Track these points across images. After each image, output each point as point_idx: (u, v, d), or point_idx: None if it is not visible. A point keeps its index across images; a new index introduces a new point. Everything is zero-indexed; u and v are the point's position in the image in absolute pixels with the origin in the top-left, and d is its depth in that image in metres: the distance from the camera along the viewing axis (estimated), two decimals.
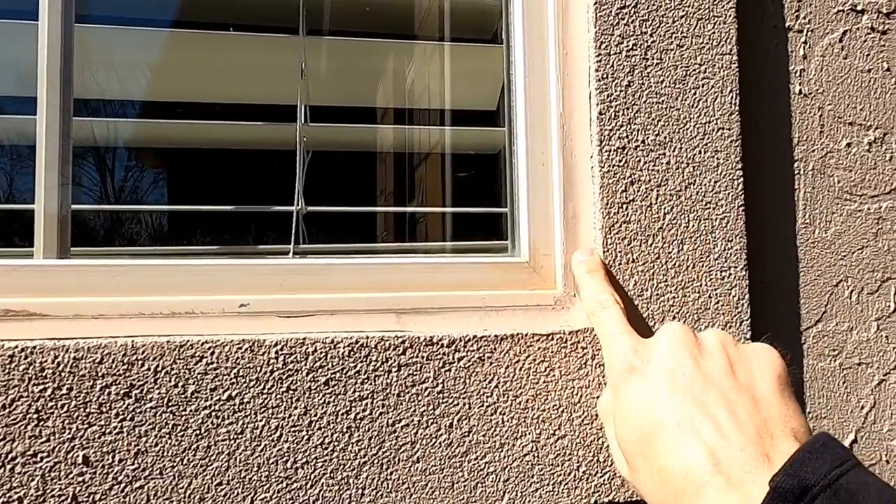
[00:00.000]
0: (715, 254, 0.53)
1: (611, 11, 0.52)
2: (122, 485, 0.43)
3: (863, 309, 0.60)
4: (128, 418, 0.43)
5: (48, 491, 0.42)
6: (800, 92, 0.60)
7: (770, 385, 0.39)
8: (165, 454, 0.43)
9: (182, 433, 0.44)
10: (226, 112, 0.61)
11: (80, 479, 0.42)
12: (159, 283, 0.48)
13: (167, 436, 0.44)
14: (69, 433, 0.42)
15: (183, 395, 0.44)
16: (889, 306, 0.61)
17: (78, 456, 0.42)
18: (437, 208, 0.59)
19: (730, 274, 0.53)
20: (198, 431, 0.44)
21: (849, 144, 0.61)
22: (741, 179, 0.54)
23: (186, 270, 0.48)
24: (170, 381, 0.44)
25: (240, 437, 0.45)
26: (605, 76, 0.52)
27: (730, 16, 0.55)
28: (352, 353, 0.46)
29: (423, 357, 0.48)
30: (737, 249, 0.54)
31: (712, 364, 0.40)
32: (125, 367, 0.43)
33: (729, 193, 0.54)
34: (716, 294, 0.53)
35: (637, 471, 0.40)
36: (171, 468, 0.43)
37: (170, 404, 0.44)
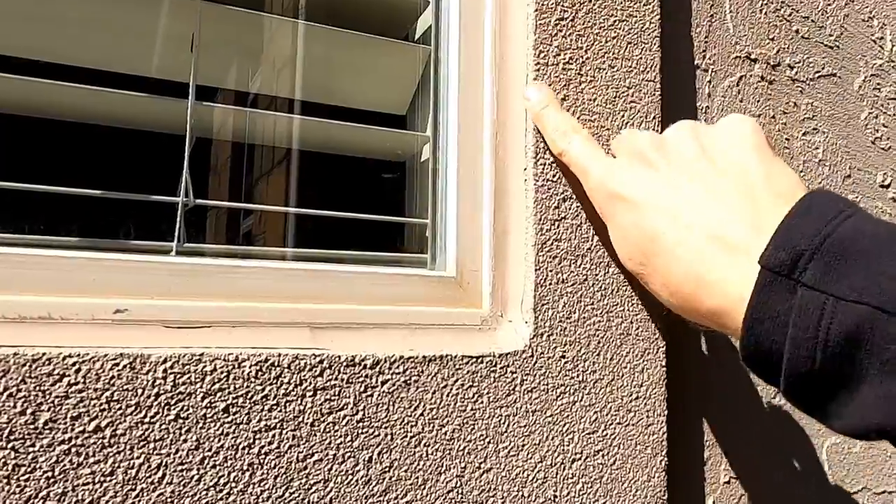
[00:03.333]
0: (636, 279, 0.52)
1: (550, 21, 0.50)
2: None
3: None
4: None
5: None
6: None
7: (748, 154, 0.39)
8: None
9: (28, 476, 0.33)
10: (96, 79, 0.50)
11: None
12: (4, 277, 0.37)
13: (5, 480, 0.33)
14: None
15: (32, 426, 0.33)
16: None
17: None
18: (344, 213, 0.53)
19: (649, 301, 0.53)
20: (50, 474, 0.34)
21: None
22: None
23: (43, 262, 0.38)
24: (14, 406, 0.33)
25: (108, 479, 0.35)
26: None
27: (655, 44, 0.55)
28: (259, 373, 0.39)
29: (342, 380, 0.41)
30: None
31: (685, 161, 0.40)
32: None
33: None
34: (636, 319, 0.52)
35: (650, 277, 0.42)
36: None
37: (11, 438, 0.33)
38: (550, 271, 0.49)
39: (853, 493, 0.68)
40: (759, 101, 0.66)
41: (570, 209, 0.50)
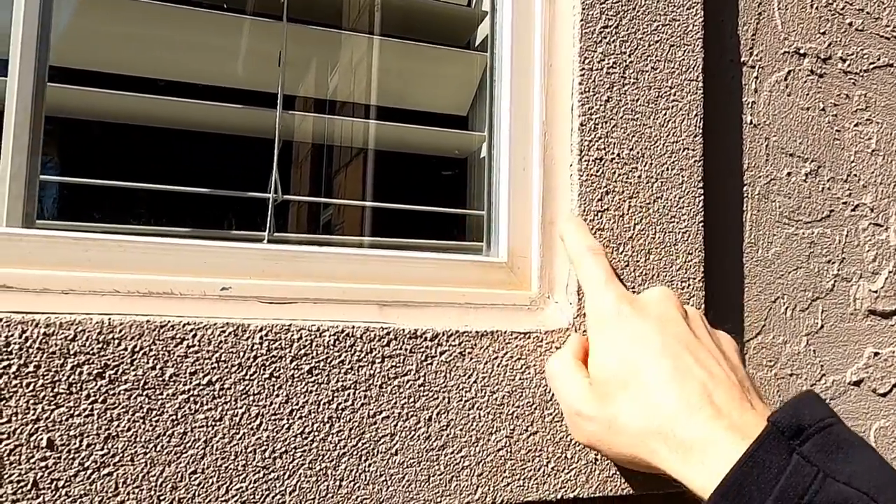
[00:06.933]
0: (676, 265, 0.57)
1: (595, 29, 0.55)
2: (89, 471, 0.40)
3: (795, 324, 0.66)
4: (99, 400, 0.41)
5: (5, 476, 0.39)
6: (750, 122, 0.65)
7: (737, 358, 0.46)
8: (138, 440, 0.41)
9: (157, 418, 0.42)
10: (196, 93, 0.59)
11: (43, 463, 0.39)
12: (135, 261, 0.46)
13: (141, 420, 0.41)
14: (33, 414, 0.40)
15: (160, 378, 0.42)
16: (817, 323, 0.67)
17: (42, 439, 0.40)
18: (414, 206, 0.60)
19: (689, 285, 0.57)
20: (174, 417, 0.42)
21: (789, 174, 0.67)
22: (702, 197, 0.58)
23: (163, 249, 0.46)
24: (147, 362, 0.42)
25: (218, 424, 0.43)
26: (587, 90, 0.55)
27: (698, 45, 0.59)
28: (337, 342, 0.46)
29: (406, 349, 0.48)
30: (695, 262, 0.57)
31: (697, 326, 0.46)
32: (100, 345, 0.41)
33: (691, 209, 0.58)
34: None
35: (613, 402, 0.43)
36: (143, 455, 0.41)
37: (146, 387, 0.42)
38: None
39: None
40: (807, 95, 0.68)
41: (612, 201, 0.55)
